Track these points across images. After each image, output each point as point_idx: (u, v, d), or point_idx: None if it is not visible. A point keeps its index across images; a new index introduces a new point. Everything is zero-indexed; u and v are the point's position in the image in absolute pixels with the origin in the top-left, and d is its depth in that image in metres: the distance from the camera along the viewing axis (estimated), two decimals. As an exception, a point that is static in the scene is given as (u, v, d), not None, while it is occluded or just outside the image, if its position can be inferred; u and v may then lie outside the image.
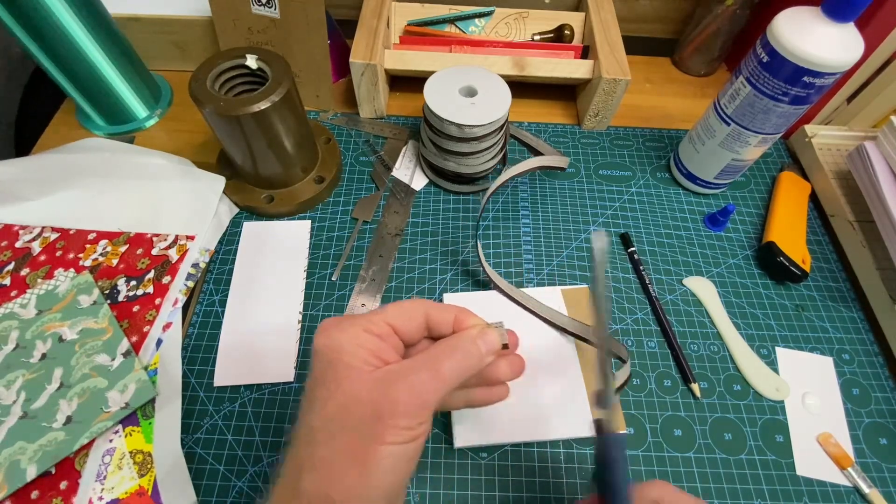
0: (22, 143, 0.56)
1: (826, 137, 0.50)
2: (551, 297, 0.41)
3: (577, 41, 0.56)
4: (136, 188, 0.45)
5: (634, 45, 0.57)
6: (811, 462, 0.36)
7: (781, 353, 0.41)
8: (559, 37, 0.56)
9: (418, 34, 0.54)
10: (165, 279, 0.41)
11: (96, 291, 0.40)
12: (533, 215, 0.48)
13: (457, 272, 0.44)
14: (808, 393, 0.39)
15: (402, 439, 0.21)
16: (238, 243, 0.45)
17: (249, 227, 0.46)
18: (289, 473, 0.22)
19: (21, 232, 0.43)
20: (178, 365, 0.38)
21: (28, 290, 0.40)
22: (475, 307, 0.40)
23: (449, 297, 0.42)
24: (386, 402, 0.21)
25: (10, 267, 0.41)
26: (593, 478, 0.25)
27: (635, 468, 0.36)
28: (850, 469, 0.35)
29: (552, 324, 0.39)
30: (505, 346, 0.26)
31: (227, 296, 0.42)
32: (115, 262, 0.42)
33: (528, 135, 0.50)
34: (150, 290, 0.41)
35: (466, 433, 0.35)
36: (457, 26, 0.56)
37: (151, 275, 0.41)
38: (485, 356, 0.25)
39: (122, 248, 0.43)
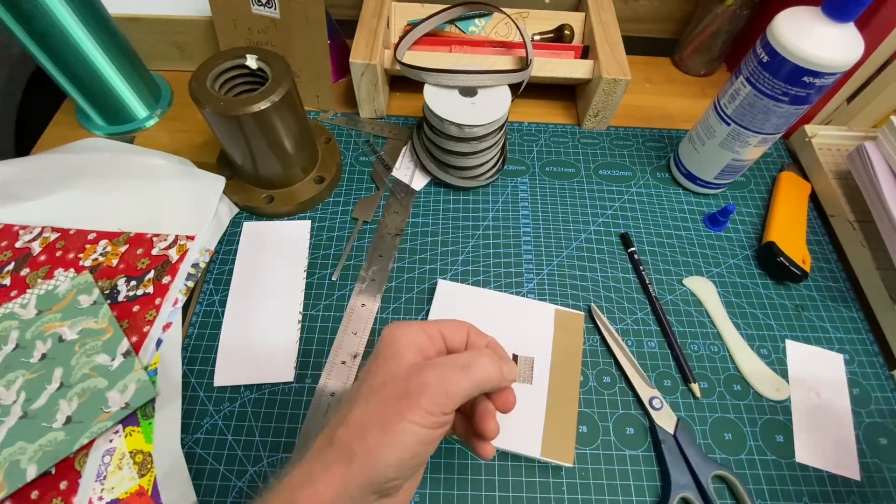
0: (22, 143, 0.56)
1: (826, 137, 0.50)
2: (544, 313, 0.40)
3: (577, 41, 0.56)
4: (136, 188, 0.45)
5: (634, 45, 0.57)
6: (812, 451, 0.37)
7: (791, 346, 0.41)
8: (559, 37, 0.56)
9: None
10: (165, 279, 0.41)
11: (96, 291, 0.40)
12: (533, 215, 0.48)
13: (457, 272, 0.44)
14: (814, 386, 0.39)
15: (422, 421, 0.23)
16: (238, 243, 0.45)
17: (249, 227, 0.46)
18: (330, 425, 0.25)
19: (21, 232, 0.43)
20: (178, 365, 0.38)
21: (28, 290, 0.40)
22: (467, 300, 0.41)
23: (443, 284, 0.42)
24: (416, 384, 0.24)
25: (10, 267, 0.41)
26: None
27: (636, 468, 0.36)
28: None
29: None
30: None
31: (227, 296, 0.42)
32: (115, 262, 0.42)
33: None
34: (150, 290, 0.41)
35: None
36: (457, 26, 0.56)
37: (151, 275, 0.41)
38: (505, 375, 0.27)
39: (122, 248, 0.43)
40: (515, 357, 0.28)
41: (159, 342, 0.39)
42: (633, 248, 0.45)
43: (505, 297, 0.41)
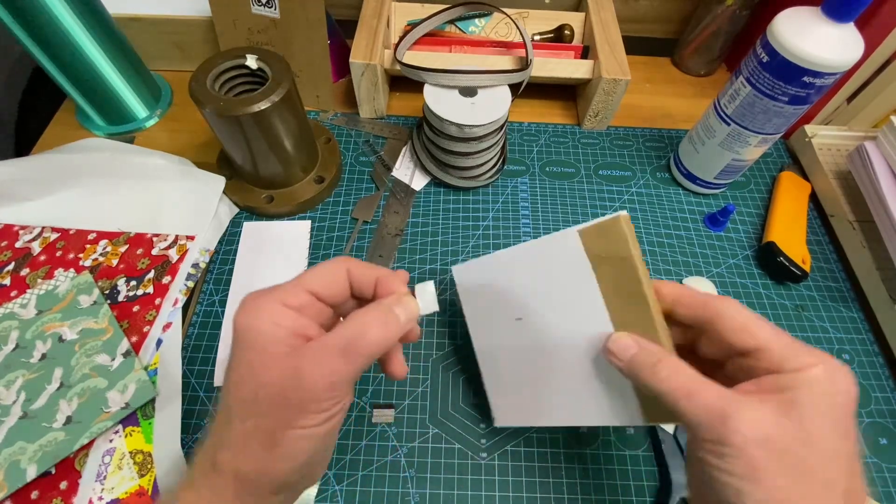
0: (22, 143, 0.56)
1: (826, 137, 0.50)
2: (567, 245, 0.28)
3: (577, 41, 0.56)
4: (136, 188, 0.45)
5: (634, 45, 0.57)
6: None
7: None
8: (559, 37, 0.56)
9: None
10: (165, 279, 0.41)
11: (96, 291, 0.40)
12: (533, 215, 0.48)
13: (457, 272, 0.44)
14: None
15: (314, 422, 0.21)
16: (238, 243, 0.45)
17: (249, 227, 0.46)
18: (208, 447, 0.23)
19: (21, 232, 0.43)
20: (178, 365, 0.38)
21: (28, 290, 0.40)
22: (485, 272, 0.34)
23: (457, 270, 0.36)
24: (296, 389, 0.21)
25: (10, 267, 0.41)
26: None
27: (635, 468, 0.36)
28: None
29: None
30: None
31: (227, 296, 0.42)
32: (115, 262, 0.42)
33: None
34: (150, 290, 0.41)
35: (507, 414, 0.34)
36: (457, 26, 0.56)
37: (151, 275, 0.41)
38: (404, 325, 0.24)
39: (122, 248, 0.43)
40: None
41: (159, 342, 0.39)
42: (633, 248, 0.45)
43: (518, 248, 0.32)
